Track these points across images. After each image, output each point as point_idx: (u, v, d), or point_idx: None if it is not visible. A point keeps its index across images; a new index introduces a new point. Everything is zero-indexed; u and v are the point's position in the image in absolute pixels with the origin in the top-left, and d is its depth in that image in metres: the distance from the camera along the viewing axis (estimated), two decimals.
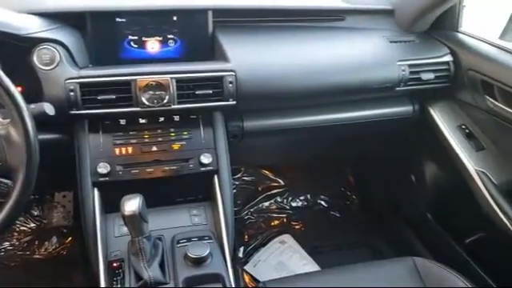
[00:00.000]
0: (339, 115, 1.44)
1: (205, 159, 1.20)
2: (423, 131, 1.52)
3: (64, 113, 1.12)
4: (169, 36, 1.28)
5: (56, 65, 1.12)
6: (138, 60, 1.26)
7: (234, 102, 1.22)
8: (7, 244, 1.83)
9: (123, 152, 1.18)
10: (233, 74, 1.21)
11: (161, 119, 1.22)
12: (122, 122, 1.20)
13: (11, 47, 1.09)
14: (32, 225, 1.89)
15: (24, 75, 1.08)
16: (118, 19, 1.23)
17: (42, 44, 1.12)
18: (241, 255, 1.85)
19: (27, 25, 1.13)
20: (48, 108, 1.02)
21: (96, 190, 1.15)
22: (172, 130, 1.22)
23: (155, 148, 1.19)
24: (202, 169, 1.21)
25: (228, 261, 1.11)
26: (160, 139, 1.21)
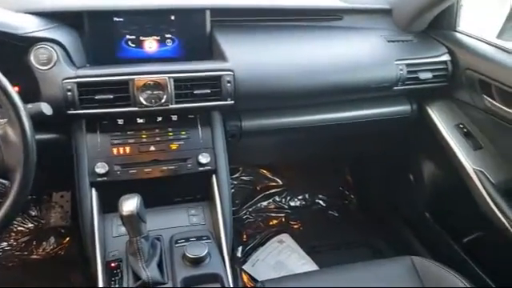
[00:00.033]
0: (337, 115, 1.44)
1: (203, 159, 1.20)
2: (421, 130, 1.52)
3: (61, 113, 1.11)
4: (166, 35, 1.27)
5: (53, 64, 1.11)
6: (136, 59, 1.26)
7: (232, 102, 1.22)
8: (5, 244, 1.83)
9: (121, 152, 1.17)
10: (231, 74, 1.21)
11: (159, 119, 1.22)
12: (120, 122, 1.19)
13: (8, 47, 1.09)
14: (30, 225, 1.89)
15: (21, 75, 1.08)
16: (116, 18, 1.23)
17: (39, 43, 1.11)
18: (239, 255, 1.85)
19: (24, 24, 1.12)
20: (45, 108, 1.02)
21: (94, 190, 1.15)
22: (170, 130, 1.22)
23: (153, 148, 1.19)
24: (200, 168, 1.21)
25: (226, 260, 1.11)
26: (158, 139, 1.20)
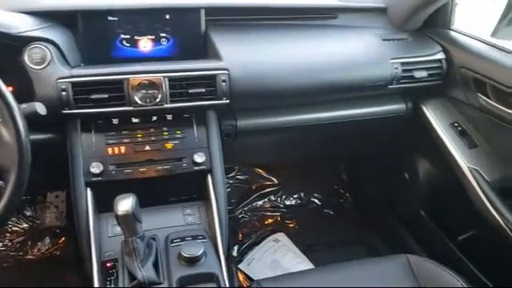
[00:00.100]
0: (332, 113, 1.44)
1: (198, 158, 1.20)
2: (416, 129, 1.52)
3: (56, 112, 1.11)
4: (161, 34, 1.27)
5: (47, 64, 1.11)
6: (131, 59, 1.25)
7: (227, 101, 1.22)
8: (0, 245, 1.82)
9: (116, 151, 1.17)
10: (226, 73, 1.21)
11: (154, 118, 1.22)
12: (115, 122, 1.19)
13: (2, 46, 1.08)
14: (25, 225, 1.88)
15: (15, 75, 1.07)
16: (110, 18, 1.23)
17: (33, 43, 1.11)
18: (235, 254, 1.85)
19: (18, 23, 1.12)
20: (40, 108, 1.02)
21: (89, 190, 1.15)
22: (165, 129, 1.22)
23: (148, 147, 1.19)
24: (196, 168, 1.20)
25: (222, 260, 1.11)
26: (153, 138, 1.20)
